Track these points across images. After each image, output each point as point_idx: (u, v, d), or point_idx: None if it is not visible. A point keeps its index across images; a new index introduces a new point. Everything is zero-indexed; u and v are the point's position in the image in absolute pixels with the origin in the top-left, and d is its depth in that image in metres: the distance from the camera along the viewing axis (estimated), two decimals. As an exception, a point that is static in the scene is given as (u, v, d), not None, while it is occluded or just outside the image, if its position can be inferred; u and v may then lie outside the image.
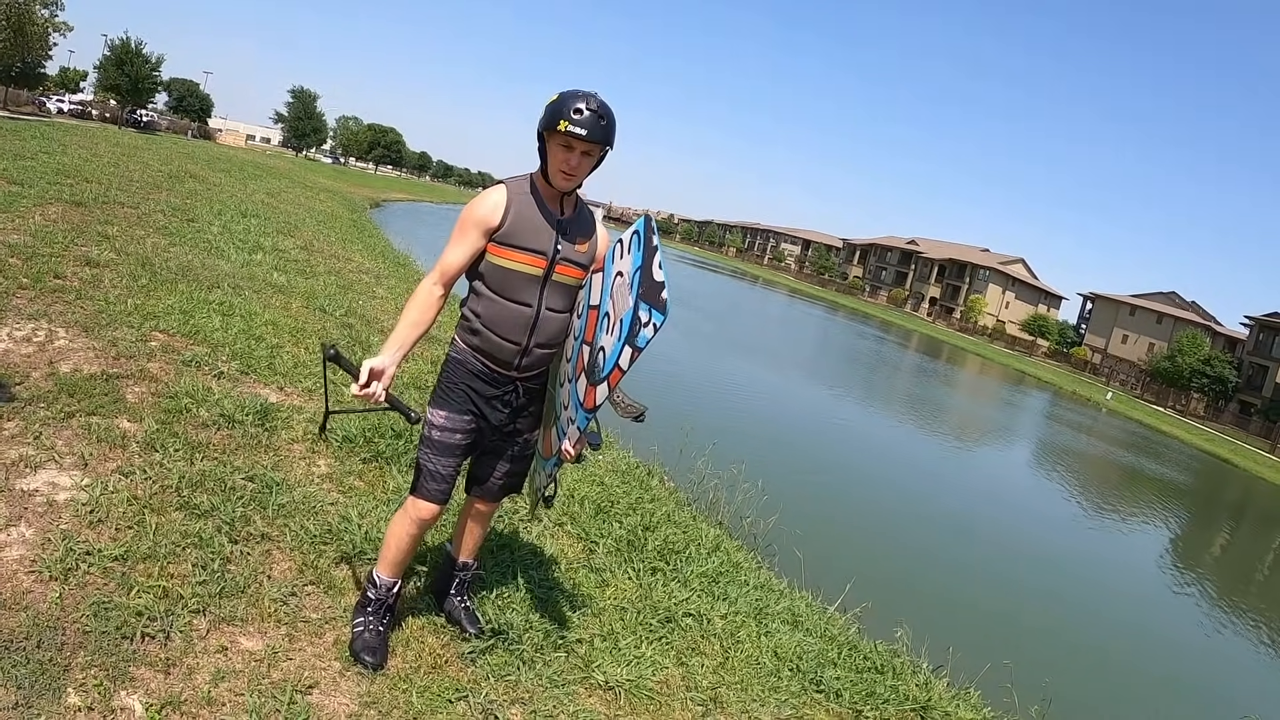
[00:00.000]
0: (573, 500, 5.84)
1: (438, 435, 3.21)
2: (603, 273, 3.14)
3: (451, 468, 3.22)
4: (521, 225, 3.10)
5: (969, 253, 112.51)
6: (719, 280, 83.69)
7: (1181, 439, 51.52)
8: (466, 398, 3.21)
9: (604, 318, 3.03)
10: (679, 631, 4.40)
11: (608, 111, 2.96)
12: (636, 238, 2.90)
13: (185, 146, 48.84)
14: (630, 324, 2.84)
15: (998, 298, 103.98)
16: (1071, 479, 25.40)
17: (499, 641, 3.58)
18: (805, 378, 29.64)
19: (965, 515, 15.71)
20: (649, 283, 2.78)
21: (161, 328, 6.74)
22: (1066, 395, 60.70)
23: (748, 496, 8.64)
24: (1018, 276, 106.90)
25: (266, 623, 3.25)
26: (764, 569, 6.63)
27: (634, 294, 2.84)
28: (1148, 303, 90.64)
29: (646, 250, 2.83)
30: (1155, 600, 14.70)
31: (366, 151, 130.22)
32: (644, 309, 2.78)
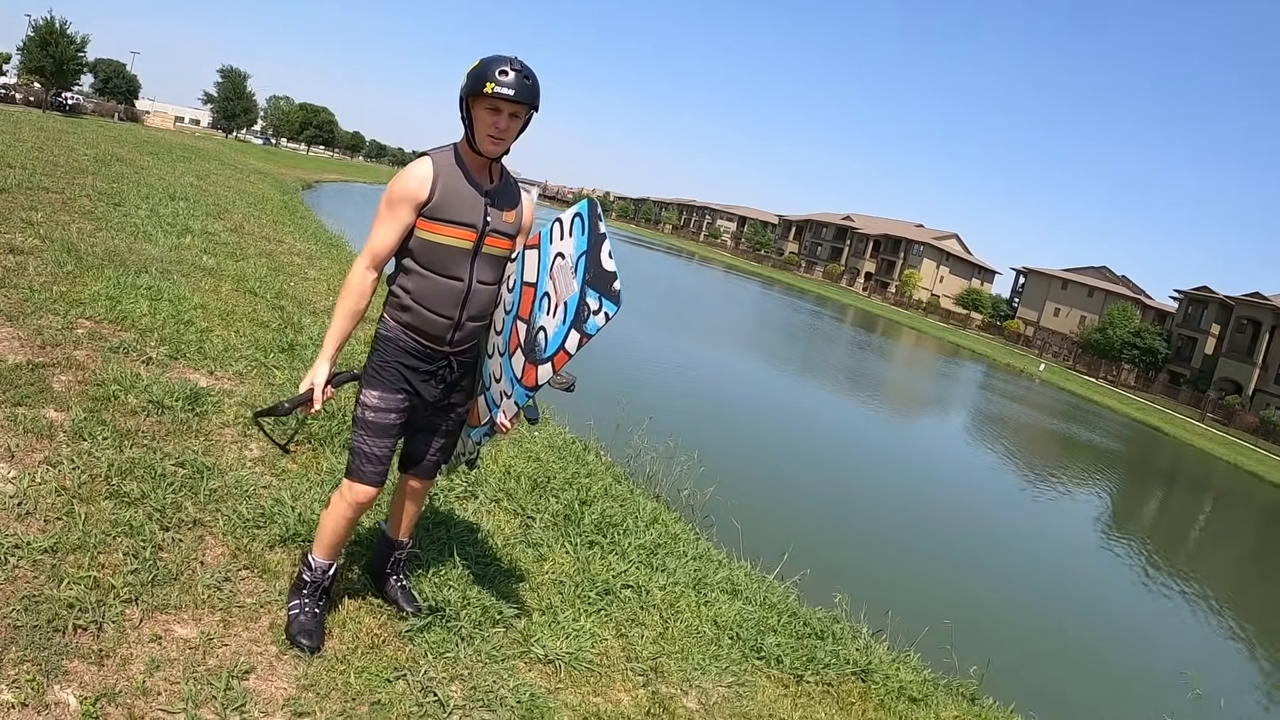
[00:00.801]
0: (509, 476, 5.83)
1: (372, 416, 3.18)
2: (538, 250, 3.12)
3: (387, 448, 3.21)
4: (450, 198, 3.06)
5: (903, 228, 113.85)
6: (655, 257, 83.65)
7: (1113, 408, 52.89)
8: (399, 376, 3.18)
9: (543, 297, 3.02)
10: (618, 603, 4.45)
11: (532, 73, 2.98)
12: (580, 220, 2.89)
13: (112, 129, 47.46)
14: (577, 309, 2.84)
15: (932, 272, 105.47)
16: (1007, 447, 25.99)
17: (437, 619, 3.58)
18: (742, 352, 29.89)
19: (902, 484, 16.07)
20: (598, 270, 2.79)
21: (88, 314, 6.59)
22: (1000, 367, 61.95)
23: (685, 469, 8.68)
24: (951, 251, 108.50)
25: (201, 609, 3.22)
26: (702, 540, 6.69)
27: (579, 279, 2.84)
28: (1079, 277, 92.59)
29: (593, 236, 2.82)
30: (1090, 562, 15.19)
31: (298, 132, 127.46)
32: (593, 296, 2.79)
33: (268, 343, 7.23)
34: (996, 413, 34.58)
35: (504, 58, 2.95)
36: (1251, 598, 16.70)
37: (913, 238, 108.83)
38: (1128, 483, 27.74)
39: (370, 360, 3.23)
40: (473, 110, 3.02)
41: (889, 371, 39.95)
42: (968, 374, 50.47)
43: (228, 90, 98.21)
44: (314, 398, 3.05)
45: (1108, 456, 30.80)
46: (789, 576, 6.54)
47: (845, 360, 37.32)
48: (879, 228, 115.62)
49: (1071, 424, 37.74)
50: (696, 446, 9.55)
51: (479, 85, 2.94)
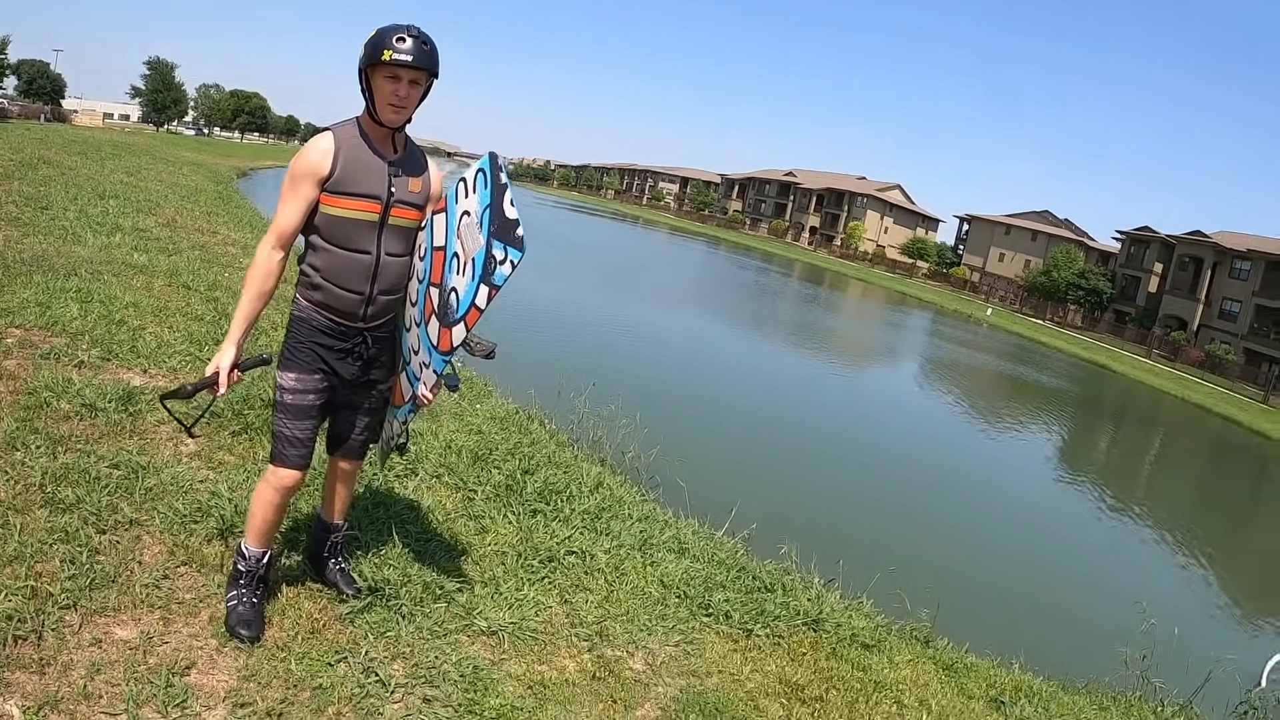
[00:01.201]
0: (449, 451, 5.84)
1: (290, 399, 3.16)
2: (445, 213, 3.10)
3: (308, 430, 3.21)
4: (353, 170, 3.04)
5: (846, 181, 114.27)
6: (599, 223, 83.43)
7: (1061, 349, 53.79)
8: (315, 355, 3.16)
9: (452, 258, 3.02)
10: (562, 570, 4.49)
11: (429, 39, 2.97)
12: (483, 175, 2.87)
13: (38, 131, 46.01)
14: (484, 263, 2.82)
15: (876, 224, 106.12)
16: (956, 393, 26.34)
17: (377, 599, 3.61)
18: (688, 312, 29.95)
19: (852, 435, 16.26)
20: (501, 220, 2.76)
21: (17, 323, 6.47)
22: (948, 313, 62.73)
23: (628, 432, 8.67)
24: (895, 202, 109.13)
25: (139, 609, 3.23)
26: (648, 501, 6.73)
27: (484, 232, 2.82)
28: (1022, 221, 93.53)
29: (495, 188, 2.80)
30: (1043, 502, 15.48)
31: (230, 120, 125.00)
32: (498, 247, 2.77)
33: (202, 336, 7.15)
34: (945, 358, 35.07)
35: (400, 25, 2.95)
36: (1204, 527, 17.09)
37: (856, 190, 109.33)
38: (1078, 421, 28.28)
39: (286, 342, 3.20)
40: (372, 80, 3.01)
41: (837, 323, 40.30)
42: (916, 322, 51.08)
43: (156, 83, 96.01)
44: (219, 381, 3.02)
45: (1057, 396, 31.38)
46: (738, 533, 6.58)
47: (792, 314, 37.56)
48: (822, 182, 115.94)
49: (1020, 365, 38.40)
50: (641, 409, 9.55)
51: (377, 54, 2.92)
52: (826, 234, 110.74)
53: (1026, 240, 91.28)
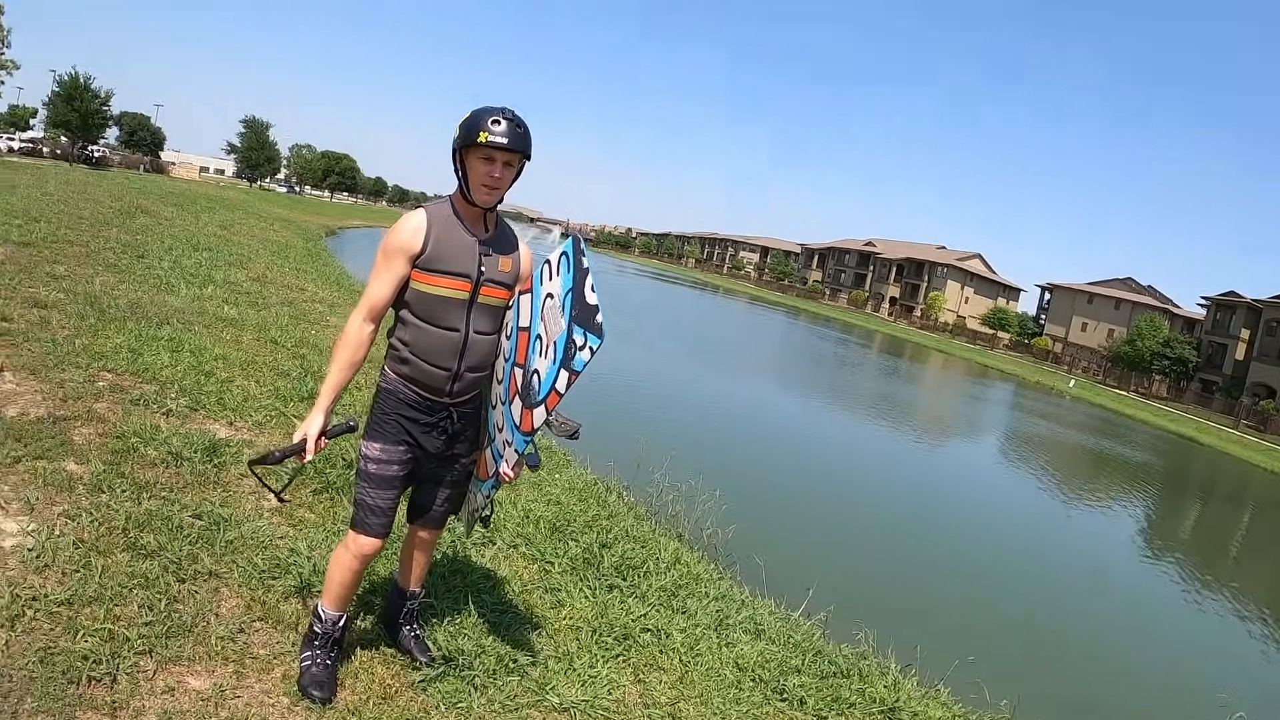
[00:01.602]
0: (527, 521, 5.79)
1: (374, 468, 3.17)
2: (531, 294, 3.14)
3: (390, 500, 3.20)
4: (444, 249, 3.07)
5: (926, 251, 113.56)
6: (679, 291, 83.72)
7: (1147, 421, 52.12)
8: (400, 428, 3.18)
9: (536, 340, 3.05)
10: (636, 648, 4.37)
11: (523, 122, 3.01)
12: (566, 259, 2.91)
13: (137, 181, 48.30)
14: (565, 347, 2.84)
15: (957, 294, 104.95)
16: (1039, 467, 25.56)
17: (450, 668, 3.54)
18: (768, 383, 29.71)
19: (932, 512, 15.68)
20: (582, 306, 2.79)
21: (110, 367, 6.68)
22: (1030, 385, 61.33)
23: (707, 507, 8.58)
24: (975, 271, 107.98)
25: (214, 661, 3.22)
26: (725, 579, 6.58)
27: (566, 317, 2.85)
28: (1105, 290, 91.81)
29: (577, 272, 2.83)
30: (1128, 583, 14.72)
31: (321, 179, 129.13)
32: (578, 332, 2.79)
33: (288, 392, 7.25)
34: (1027, 432, 34.13)
35: (495, 108, 2.99)
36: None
37: (935, 260, 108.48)
38: (1163, 497, 27.11)
39: (372, 412, 3.23)
40: (466, 161, 3.05)
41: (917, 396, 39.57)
42: (997, 394, 49.96)
43: (250, 140, 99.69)
44: (306, 448, 3.05)
45: (1142, 471, 30.23)
46: (815, 613, 6.42)
47: (872, 386, 36.99)
48: (901, 251, 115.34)
49: (1104, 439, 37.15)
50: (720, 483, 9.47)
51: (472, 135, 2.97)
52: (906, 304, 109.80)
53: (1109, 309, 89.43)
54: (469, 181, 3.07)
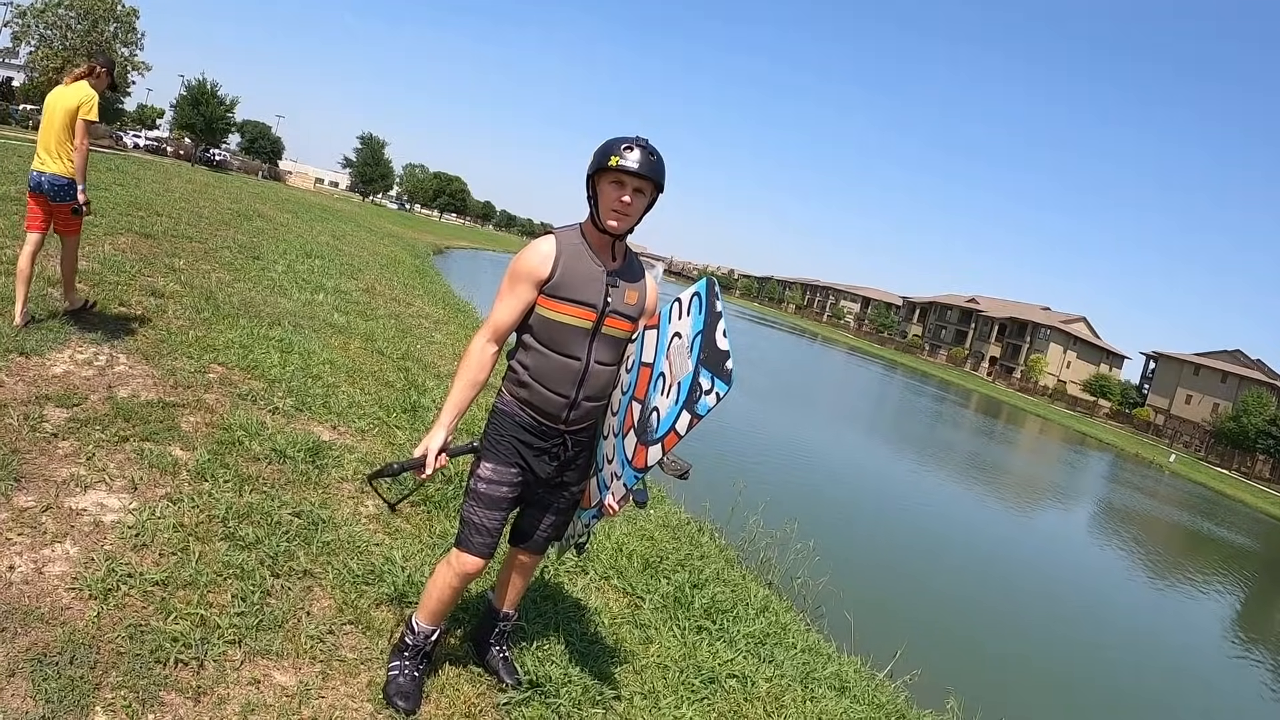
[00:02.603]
0: (620, 554, 5.70)
1: (484, 488, 3.14)
2: (657, 330, 3.09)
3: (497, 521, 3.15)
4: (571, 276, 3.03)
5: (1030, 311, 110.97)
6: (778, 336, 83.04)
7: (1247, 502, 49.57)
8: (514, 450, 3.14)
9: (658, 378, 2.99)
10: (721, 693, 4.22)
11: (657, 151, 2.97)
12: (698, 300, 2.85)
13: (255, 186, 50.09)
14: (690, 389, 2.78)
15: (1059, 357, 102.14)
16: (1134, 544, 24.58)
17: (536, 694, 3.47)
18: (863, 436, 29.19)
19: (1024, 580, 15.17)
20: (711, 349, 2.74)
21: (220, 360, 6.85)
22: (1128, 457, 59.15)
23: (799, 556, 8.41)
24: (1079, 335, 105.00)
25: (302, 659, 3.22)
26: (812, 631, 6.43)
27: (694, 359, 2.79)
28: (1212, 361, 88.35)
29: (710, 314, 2.78)
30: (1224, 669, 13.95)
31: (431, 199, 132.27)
32: (705, 375, 2.74)
33: (391, 402, 7.31)
34: (1124, 505, 32.84)
35: (630, 137, 2.97)
36: None
37: (1039, 321, 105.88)
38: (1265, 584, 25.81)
39: (486, 433, 3.20)
40: (598, 186, 3.02)
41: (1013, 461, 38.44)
42: (1094, 465, 48.25)
43: (366, 156, 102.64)
44: (427, 463, 3.01)
45: (1242, 555, 28.77)
46: (900, 675, 6.21)
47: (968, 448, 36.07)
48: (1004, 310, 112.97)
49: (1203, 519, 35.51)
50: (813, 532, 9.28)
51: (604, 160, 2.94)
52: (1006, 365, 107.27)
53: (1216, 382, 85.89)
54: (600, 207, 3.03)
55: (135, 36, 51.87)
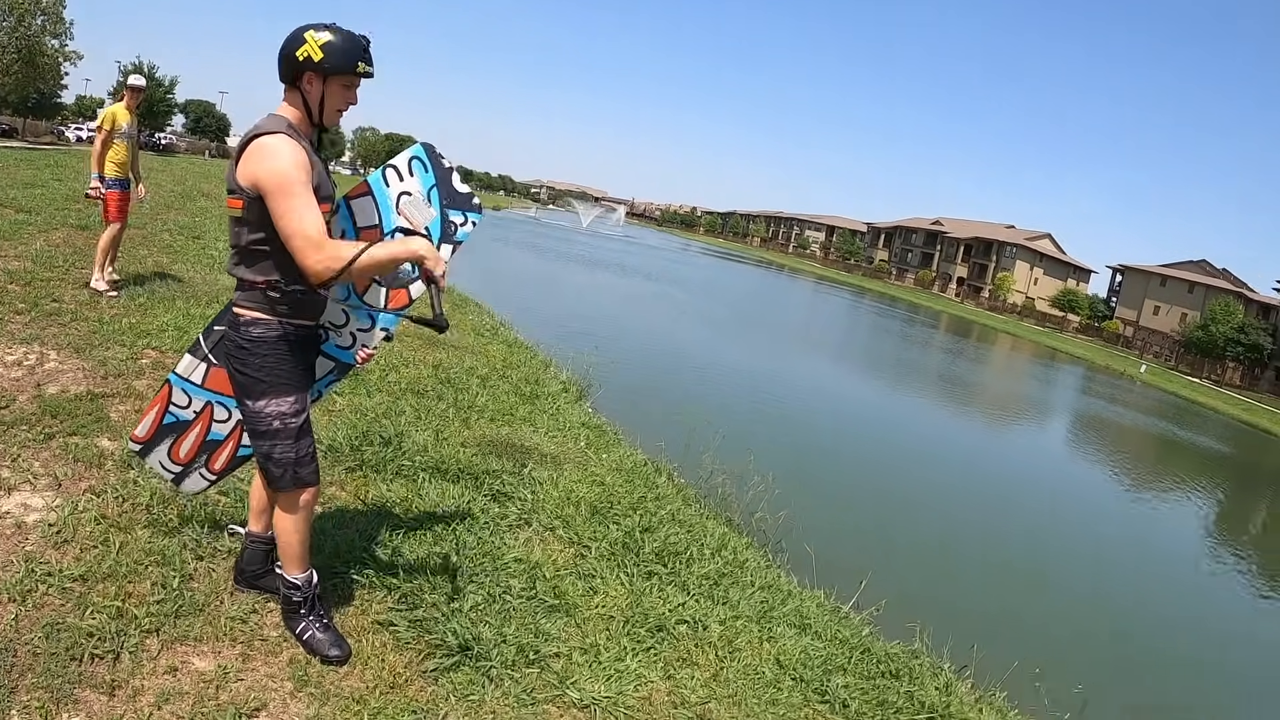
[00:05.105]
0: (568, 502, 5.57)
1: (293, 422, 3.02)
2: (370, 196, 3.34)
3: (312, 441, 3.12)
4: (319, 175, 2.93)
5: (994, 230, 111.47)
6: (743, 270, 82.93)
7: (1219, 409, 50.42)
8: (298, 372, 3.06)
9: (393, 232, 3.35)
10: (670, 641, 4.12)
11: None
12: (419, 163, 3.41)
13: (202, 166, 49.33)
14: (443, 227, 3.43)
15: (1026, 274, 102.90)
16: (1106, 456, 24.78)
17: (466, 658, 3.37)
18: (830, 363, 29.12)
19: (995, 500, 15.07)
20: (454, 194, 3.46)
21: (154, 345, 6.75)
22: (1099, 369, 59.88)
23: (758, 491, 8.14)
24: (1045, 252, 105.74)
25: (221, 642, 3.14)
26: (773, 568, 6.25)
27: (436, 205, 3.41)
28: (1178, 272, 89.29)
29: (440, 171, 3.43)
30: (1201, 585, 13.85)
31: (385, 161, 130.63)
32: (456, 214, 3.46)
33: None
34: (1096, 419, 33.16)
35: (360, 35, 2.91)
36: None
37: (1004, 239, 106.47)
38: (1240, 491, 26.01)
39: (264, 372, 2.98)
40: (328, 84, 2.91)
41: (984, 378, 38.69)
42: (1066, 378, 48.78)
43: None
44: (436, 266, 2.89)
45: (1215, 462, 29.11)
46: (866, 607, 6.07)
47: (938, 369, 36.15)
48: (969, 231, 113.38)
49: (1175, 427, 35.93)
50: (773, 466, 9.09)
51: (349, 64, 2.87)
52: (974, 285, 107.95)
53: (1183, 292, 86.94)
54: (326, 105, 2.94)
55: (64, 26, 50.45)
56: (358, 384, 7.01)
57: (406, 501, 4.77)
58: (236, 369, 3.01)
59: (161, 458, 3.47)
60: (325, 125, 2.99)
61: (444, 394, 7.58)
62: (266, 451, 3.02)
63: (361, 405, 6.46)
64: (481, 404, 7.60)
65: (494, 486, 5.44)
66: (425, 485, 5.10)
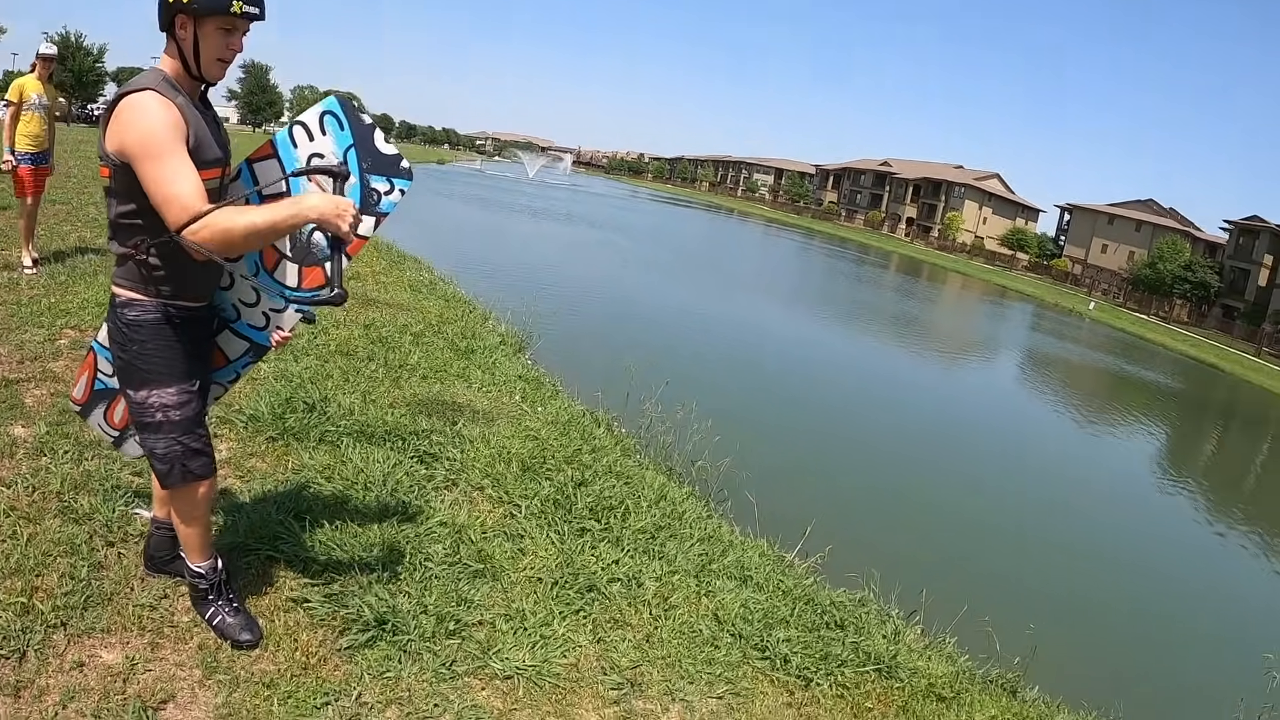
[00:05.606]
0: (499, 459, 5.40)
1: (178, 415, 2.76)
2: (275, 158, 2.95)
3: (205, 431, 2.90)
4: (199, 134, 2.60)
5: (943, 170, 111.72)
6: (691, 214, 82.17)
7: (1166, 345, 51.11)
8: (185, 357, 2.78)
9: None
10: (601, 601, 4.02)
11: None
12: (333, 119, 2.91)
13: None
14: (363, 197, 2.92)
15: (975, 214, 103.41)
16: (1057, 394, 24.97)
17: (383, 631, 3.26)
18: (777, 306, 28.90)
19: (944, 442, 14.95)
20: (376, 157, 2.92)
21: (74, 324, 6.50)
22: (1049, 307, 60.55)
23: (701, 439, 8.00)
24: (993, 191, 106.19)
25: (130, 631, 3.02)
26: (713, 518, 6.12)
27: (355, 169, 2.90)
28: (1126, 211, 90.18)
29: (358, 129, 2.90)
30: (1153, 524, 13.89)
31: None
32: (380, 180, 2.94)
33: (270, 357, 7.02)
34: (1047, 354, 33.52)
35: None
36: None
37: (953, 179, 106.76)
38: (1187, 423, 26.17)
39: (144, 360, 2.73)
40: (201, 29, 2.54)
41: (934, 317, 38.92)
42: (1016, 315, 49.32)
43: (251, 85, 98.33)
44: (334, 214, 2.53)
45: (1164, 398, 29.41)
46: (811, 555, 5.99)
47: (888, 308, 36.27)
48: (918, 171, 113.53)
49: (1125, 362, 36.40)
50: (717, 413, 8.90)
51: (223, 3, 2.50)
52: (923, 225, 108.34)
53: (1130, 231, 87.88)
54: (202, 53, 2.56)
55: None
56: (284, 349, 6.75)
57: (329, 469, 4.61)
58: (117, 354, 2.77)
59: (99, 420, 3.26)
60: (206, 78, 2.62)
61: (375, 354, 7.35)
62: (150, 447, 2.81)
63: (287, 371, 6.20)
64: (414, 362, 7.39)
65: (421, 448, 5.29)
66: (349, 451, 4.92)
